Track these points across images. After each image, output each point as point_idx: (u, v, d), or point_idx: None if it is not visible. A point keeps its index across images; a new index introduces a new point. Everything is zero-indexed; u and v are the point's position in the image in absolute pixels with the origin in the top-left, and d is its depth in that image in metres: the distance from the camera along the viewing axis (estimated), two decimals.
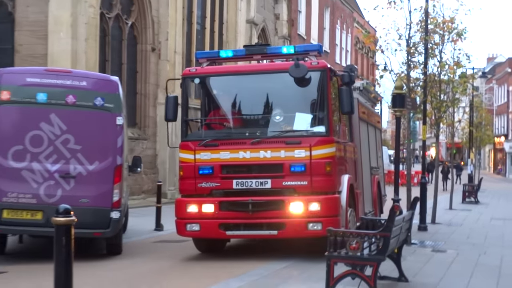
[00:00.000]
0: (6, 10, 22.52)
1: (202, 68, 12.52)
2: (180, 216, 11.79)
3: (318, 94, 11.73)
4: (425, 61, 17.11)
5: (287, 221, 11.22)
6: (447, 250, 13.56)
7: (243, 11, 34.41)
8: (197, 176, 11.59)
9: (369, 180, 15.42)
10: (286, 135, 11.66)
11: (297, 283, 9.61)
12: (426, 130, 19.40)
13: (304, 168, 11.26)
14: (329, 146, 11.43)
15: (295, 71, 11.27)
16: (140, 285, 9.71)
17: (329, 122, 11.52)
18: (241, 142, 11.68)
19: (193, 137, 12.19)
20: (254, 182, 11.42)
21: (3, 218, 11.42)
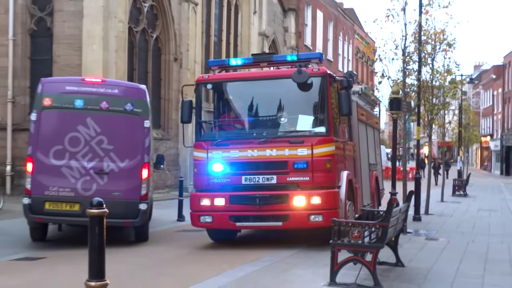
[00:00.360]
0: (46, 25, 22.64)
1: (214, 74, 12.69)
2: (194, 209, 11.85)
3: (319, 97, 11.76)
4: (419, 68, 17.18)
5: (291, 213, 11.26)
6: (439, 238, 13.56)
7: (256, 25, 34.45)
8: (210, 173, 11.69)
9: (368, 176, 15.35)
10: (290, 135, 11.69)
11: (305, 268, 9.60)
12: (420, 131, 19.42)
13: (306, 165, 11.30)
14: (329, 145, 11.47)
15: (298, 77, 11.29)
16: (164, 270, 9.73)
17: (329, 123, 11.54)
18: (249, 142, 11.72)
19: (206, 138, 12.23)
20: (261, 178, 11.48)
21: (46, 209, 11.75)
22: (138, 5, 23.94)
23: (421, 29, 17.02)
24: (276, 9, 38.63)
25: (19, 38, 22.59)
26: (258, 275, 9.08)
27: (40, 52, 22.90)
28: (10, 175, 22.26)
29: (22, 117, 22.51)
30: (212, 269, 9.54)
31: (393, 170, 15.39)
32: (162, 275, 9.33)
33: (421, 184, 17.70)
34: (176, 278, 9.09)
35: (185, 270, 9.71)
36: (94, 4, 21.11)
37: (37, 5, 22.78)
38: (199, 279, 8.79)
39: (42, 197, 11.72)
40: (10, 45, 22.43)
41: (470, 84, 60.39)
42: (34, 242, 12.57)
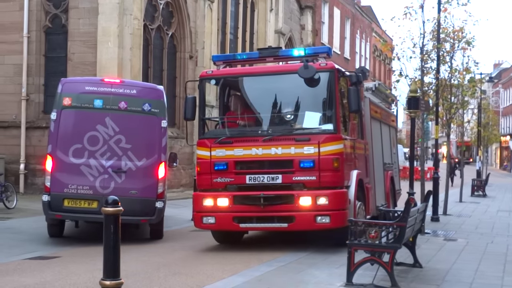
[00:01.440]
0: (61, 22, 22.75)
1: (218, 70, 12.35)
2: (197, 210, 11.59)
3: (326, 93, 11.34)
4: (437, 67, 17.06)
5: (297, 214, 10.92)
6: (457, 239, 13.47)
7: (272, 22, 34.39)
8: (213, 172, 11.37)
9: (382, 176, 14.92)
10: (296, 133, 11.37)
11: (321, 268, 9.57)
12: (438, 130, 19.32)
13: (313, 164, 10.92)
14: (337, 143, 11.09)
15: (304, 72, 10.92)
16: (179, 269, 9.74)
17: (337, 120, 11.14)
18: (253, 139, 11.37)
19: (209, 135, 11.90)
20: (266, 177, 11.14)
21: (64, 206, 12.10)
22: (153, 2, 24.00)
23: (440, 27, 16.90)
24: (292, 7, 38.56)
25: (33, 35, 22.74)
26: (274, 275, 9.07)
27: (55, 49, 23.04)
28: (24, 174, 22.41)
29: (36, 115, 22.66)
30: (227, 269, 9.56)
31: (411, 169, 15.30)
32: (177, 275, 9.34)
33: (439, 184, 17.62)
34: (191, 277, 9.10)
35: (200, 269, 9.71)
36: (109, 1, 21.18)
37: (52, 2, 22.89)
38: (214, 279, 8.81)
39: (61, 194, 12.08)
40: (25, 42, 22.57)
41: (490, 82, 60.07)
42: (48, 240, 12.76)
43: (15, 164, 22.34)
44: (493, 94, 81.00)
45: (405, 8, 16.17)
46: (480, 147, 41.11)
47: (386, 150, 15.67)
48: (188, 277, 9.12)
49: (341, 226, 10.53)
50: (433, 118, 19.22)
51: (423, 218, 10.94)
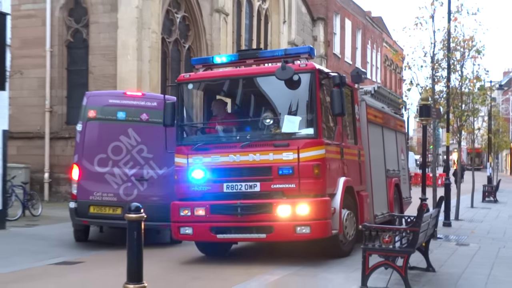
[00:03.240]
0: (82, 37, 22.98)
1: (195, 74, 11.48)
2: (174, 220, 10.72)
3: (306, 96, 10.30)
4: (448, 75, 16.96)
5: (275, 224, 9.98)
6: (469, 244, 13.38)
7: (285, 34, 34.48)
8: (190, 180, 10.54)
9: (384, 183, 13.88)
10: (274, 138, 10.30)
11: (336, 272, 9.56)
12: (449, 137, 19.24)
13: (292, 170, 9.94)
14: (318, 148, 10.06)
15: (282, 73, 9.98)
16: (199, 274, 9.78)
17: (318, 124, 10.12)
18: (231, 145, 10.46)
19: (186, 142, 10.95)
20: (244, 185, 10.21)
21: (90, 213, 12.43)
22: (170, 16, 24.17)
23: (450, 36, 16.84)
24: (305, 19, 38.64)
25: (56, 50, 22.98)
26: (290, 279, 9.10)
27: (77, 62, 23.26)
28: (48, 182, 22.61)
29: (59, 126, 22.86)
30: (245, 273, 9.56)
31: (423, 176, 15.22)
32: (197, 279, 9.38)
33: (451, 190, 17.54)
34: (211, 282, 9.14)
35: (218, 274, 9.74)
36: (128, 16, 21.37)
37: (73, 17, 23.16)
38: (232, 284, 8.82)
39: (87, 201, 12.43)
40: (48, 56, 22.84)
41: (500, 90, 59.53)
42: (73, 245, 12.94)
43: (39, 173, 22.54)
44: (503, 102, 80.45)
45: (416, 18, 16.13)
46: (490, 153, 40.77)
47: (390, 157, 14.68)
48: (207, 282, 9.16)
49: (323, 236, 10.04)
50: (444, 125, 19.11)
51: (436, 223, 10.90)
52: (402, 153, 16.14)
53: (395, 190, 14.55)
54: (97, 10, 22.42)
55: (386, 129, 14.58)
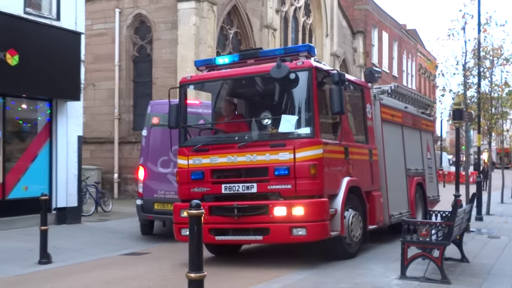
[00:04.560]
0: (146, 52, 23.37)
1: (197, 75, 10.52)
2: (176, 221, 9.79)
3: (303, 94, 9.14)
4: (478, 82, 16.84)
5: (272, 226, 8.89)
6: (500, 237, 13.06)
7: (328, 46, 34.36)
8: (190, 181, 9.60)
9: (404, 182, 12.69)
10: (271, 138, 9.21)
11: (376, 263, 9.42)
12: (480, 138, 18.92)
13: (288, 171, 8.84)
14: (315, 148, 8.91)
15: (277, 72, 8.92)
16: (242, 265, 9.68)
17: (315, 123, 8.96)
18: (229, 146, 9.39)
19: (188, 143, 9.97)
20: (241, 187, 9.19)
21: (154, 209, 12.66)
22: (224, 32, 24.34)
23: (480, 46, 16.68)
24: (346, 32, 38.41)
25: (123, 64, 23.42)
26: (334, 269, 8.99)
27: (142, 75, 23.66)
28: (117, 182, 23.04)
29: (127, 132, 23.26)
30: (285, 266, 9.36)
31: (456, 174, 14.93)
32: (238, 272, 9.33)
33: (482, 187, 17.18)
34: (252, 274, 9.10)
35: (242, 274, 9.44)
36: (186, 33, 21.65)
37: (139, 35, 23.57)
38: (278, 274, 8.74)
39: (152, 199, 12.67)
40: (116, 70, 23.31)
41: None
42: (140, 238, 13.17)
43: (110, 174, 22.99)
44: None
45: (449, 30, 16.09)
46: None
47: (412, 156, 13.36)
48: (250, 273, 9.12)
49: (320, 239, 8.96)
50: (475, 127, 18.79)
51: (469, 218, 10.69)
52: (428, 152, 14.93)
53: (418, 189, 13.36)
54: (160, 28, 22.75)
55: (407, 128, 13.35)
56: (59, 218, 15.35)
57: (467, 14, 16.04)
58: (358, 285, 7.77)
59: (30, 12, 14.97)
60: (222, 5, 23.59)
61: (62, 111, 15.73)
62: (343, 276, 8.40)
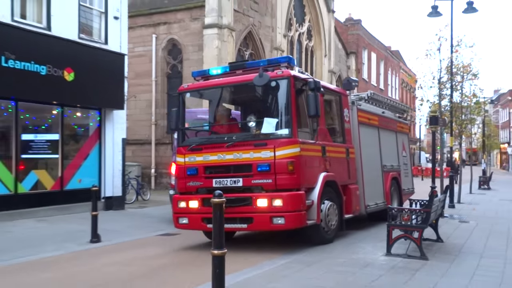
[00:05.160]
0: (177, 70, 23.44)
1: (193, 84, 10.00)
2: (175, 211, 9.40)
3: (283, 100, 8.67)
4: (451, 93, 16.77)
5: (255, 215, 8.50)
6: (469, 221, 12.93)
7: (326, 65, 34.28)
8: (186, 176, 9.20)
9: (380, 177, 12.08)
10: (255, 138, 8.73)
11: (366, 242, 9.38)
12: (452, 140, 18.79)
13: (269, 167, 8.44)
14: (292, 147, 8.47)
15: (259, 80, 8.56)
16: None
17: (293, 125, 8.53)
18: (219, 146, 8.94)
19: (185, 143, 9.53)
20: (229, 181, 8.79)
21: None
22: (241, 53, 24.37)
23: (452, 63, 16.60)
24: (341, 53, 38.30)
25: (159, 79, 23.52)
26: (334, 247, 8.97)
27: (174, 89, 23.48)
28: (154, 176, 23.13)
29: (162, 135, 23.35)
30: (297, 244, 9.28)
31: (432, 170, 14.87)
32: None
33: (454, 180, 17.04)
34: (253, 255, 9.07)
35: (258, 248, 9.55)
36: (210, 54, 21.71)
37: (171, 56, 23.66)
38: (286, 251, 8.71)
39: None
40: (153, 84, 23.42)
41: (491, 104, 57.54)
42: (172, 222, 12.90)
43: (148, 169, 23.08)
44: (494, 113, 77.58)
45: (426, 50, 16.03)
46: (484, 152, 39.35)
47: (388, 154, 12.71)
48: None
49: (297, 227, 8.51)
50: (449, 131, 18.67)
51: (443, 205, 10.62)
52: (404, 150, 14.21)
53: (393, 183, 12.79)
54: (188, 50, 22.81)
55: (383, 130, 12.69)
56: (107, 205, 15.44)
57: (442, 37, 15.95)
58: (353, 260, 7.75)
59: (83, 38, 15.08)
60: (239, 31, 23.61)
61: (109, 118, 15.83)
62: (340, 252, 8.38)
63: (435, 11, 16.78)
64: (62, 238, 10.51)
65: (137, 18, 23.48)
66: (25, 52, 13.27)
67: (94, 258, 8.53)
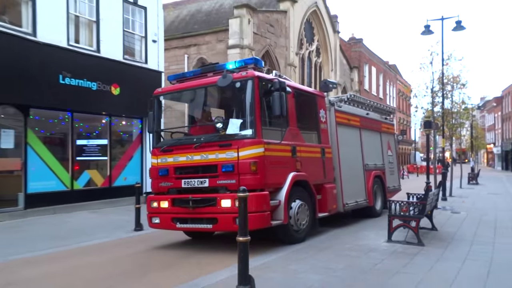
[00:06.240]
0: None
1: (166, 87, 8.92)
2: (148, 211, 8.30)
3: (248, 100, 7.53)
4: (442, 101, 16.54)
5: (219, 216, 7.38)
6: (460, 212, 12.67)
7: (332, 78, 34.01)
8: (158, 177, 8.14)
9: (362, 175, 10.87)
10: (220, 139, 7.57)
11: (370, 230, 9.27)
12: (444, 141, 18.48)
13: (233, 168, 7.33)
14: (256, 147, 7.33)
15: (222, 81, 7.54)
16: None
17: (256, 125, 7.38)
18: (188, 147, 7.84)
19: (158, 145, 8.42)
20: (196, 181, 7.70)
21: None
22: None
23: (443, 75, 16.39)
24: (345, 67, 38.03)
25: None
26: (341, 233, 8.91)
27: None
28: None
29: None
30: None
31: (427, 167, 14.60)
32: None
33: (446, 176, 16.75)
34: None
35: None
36: None
37: None
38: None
39: None
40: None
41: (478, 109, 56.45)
42: None
43: None
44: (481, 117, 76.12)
45: (420, 64, 15.92)
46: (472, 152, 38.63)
47: (370, 153, 11.48)
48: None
49: (260, 227, 7.21)
50: (441, 133, 18.38)
51: (437, 198, 10.42)
52: (389, 150, 12.87)
53: (376, 181, 11.52)
54: None
55: (366, 131, 11.41)
56: None
57: (434, 52, 15.83)
58: (358, 245, 7.66)
59: (127, 58, 15.27)
60: (258, 51, 23.61)
61: None
62: (347, 239, 8.30)
63: (428, 30, 16.59)
64: (111, 227, 10.61)
65: (172, 41, 23.66)
66: (79, 71, 13.51)
67: (138, 244, 8.59)
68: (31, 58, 12.41)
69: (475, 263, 6.46)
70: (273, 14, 25.42)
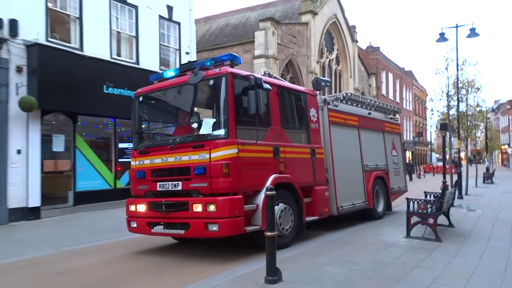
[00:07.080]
0: None
1: (146, 87, 7.78)
2: (127, 214, 7.47)
3: (221, 98, 6.55)
4: (457, 104, 16.18)
5: (191, 221, 6.45)
6: (476, 210, 12.32)
7: (351, 84, 33.70)
8: (136, 180, 7.31)
9: (361, 177, 9.77)
10: (194, 140, 6.62)
11: (389, 227, 9.11)
12: (460, 143, 18.08)
13: (205, 170, 6.41)
14: (228, 148, 6.38)
15: (193, 79, 6.66)
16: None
17: (229, 125, 6.43)
18: (163, 148, 6.96)
19: (137, 146, 7.53)
20: (170, 184, 6.80)
21: None
22: (284, 77, 24.28)
23: (458, 80, 16.04)
24: (363, 74, 37.57)
25: None
26: (363, 229, 8.81)
27: None
28: None
29: None
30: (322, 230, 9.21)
31: (443, 167, 14.29)
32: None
33: (462, 176, 16.32)
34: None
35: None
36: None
37: None
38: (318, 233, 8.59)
39: None
40: None
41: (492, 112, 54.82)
42: None
43: None
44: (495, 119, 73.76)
45: (436, 69, 15.67)
46: (487, 152, 37.49)
47: (371, 154, 10.36)
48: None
49: (232, 234, 6.28)
50: (456, 135, 17.95)
51: (454, 197, 10.14)
52: (394, 150, 11.65)
53: (377, 182, 10.41)
54: None
55: (365, 130, 10.27)
56: None
57: (449, 58, 15.52)
58: (378, 241, 7.55)
59: (162, 69, 15.50)
60: (282, 60, 23.61)
61: None
62: (368, 235, 8.20)
63: (443, 37, 16.21)
64: None
65: (203, 53, 23.92)
66: (120, 82, 13.85)
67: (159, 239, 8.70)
68: (78, 71, 12.81)
69: (492, 259, 6.28)
70: (296, 26, 25.38)
